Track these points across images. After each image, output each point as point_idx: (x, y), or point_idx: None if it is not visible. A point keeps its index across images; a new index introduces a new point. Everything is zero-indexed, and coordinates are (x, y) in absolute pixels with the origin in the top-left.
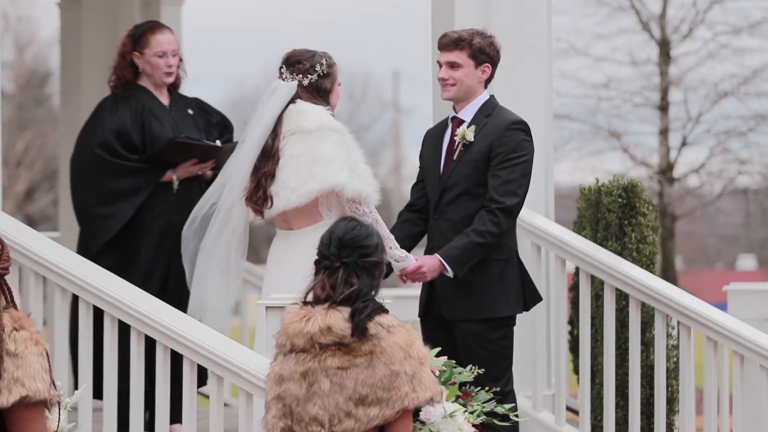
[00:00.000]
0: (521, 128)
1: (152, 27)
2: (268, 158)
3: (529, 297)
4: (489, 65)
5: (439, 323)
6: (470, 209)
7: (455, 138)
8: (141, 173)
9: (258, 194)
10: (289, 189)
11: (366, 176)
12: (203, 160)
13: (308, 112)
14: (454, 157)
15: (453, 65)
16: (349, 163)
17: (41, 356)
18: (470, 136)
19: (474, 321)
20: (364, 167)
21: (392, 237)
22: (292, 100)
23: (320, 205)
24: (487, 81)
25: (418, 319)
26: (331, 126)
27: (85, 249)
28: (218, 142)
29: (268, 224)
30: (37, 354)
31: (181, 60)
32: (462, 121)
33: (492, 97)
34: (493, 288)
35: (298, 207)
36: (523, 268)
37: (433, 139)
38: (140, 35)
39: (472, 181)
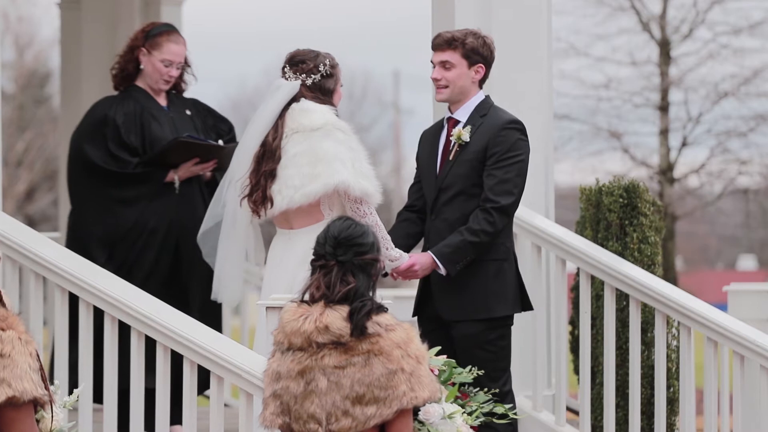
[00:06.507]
0: (517, 128)
1: (169, 32)
2: (269, 157)
3: (526, 298)
4: (482, 65)
5: (436, 324)
6: (467, 209)
7: (451, 138)
8: (146, 181)
9: (257, 194)
10: (292, 187)
11: (370, 176)
12: (205, 159)
13: (312, 110)
14: (450, 158)
15: (446, 65)
16: (353, 162)
17: (30, 356)
18: (466, 136)
19: (471, 321)
20: (368, 167)
21: (389, 238)
22: (294, 99)
23: (322, 204)
24: (482, 81)
25: (415, 318)
26: (335, 124)
27: (85, 254)
28: (221, 142)
29: (270, 224)
30: (25, 354)
31: (189, 66)
32: (457, 122)
33: (487, 97)
34: (490, 288)
35: (302, 206)
36: (518, 270)
37: (429, 139)
38: (155, 35)
39: (468, 181)
